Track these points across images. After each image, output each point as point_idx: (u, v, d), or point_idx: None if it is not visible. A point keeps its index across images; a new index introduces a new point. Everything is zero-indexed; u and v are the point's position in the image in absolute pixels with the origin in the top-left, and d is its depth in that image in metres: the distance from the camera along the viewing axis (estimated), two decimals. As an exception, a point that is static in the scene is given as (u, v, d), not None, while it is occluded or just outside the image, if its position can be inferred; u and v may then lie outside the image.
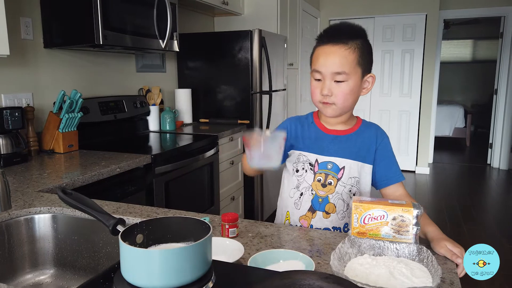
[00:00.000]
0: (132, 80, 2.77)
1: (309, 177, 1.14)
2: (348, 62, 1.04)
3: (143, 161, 1.93)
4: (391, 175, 1.15)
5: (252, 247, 0.92)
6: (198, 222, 0.68)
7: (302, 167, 1.15)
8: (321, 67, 1.06)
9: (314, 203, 1.14)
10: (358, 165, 1.13)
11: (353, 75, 1.06)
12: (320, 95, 1.08)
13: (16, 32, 1.95)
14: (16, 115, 1.76)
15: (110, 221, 0.66)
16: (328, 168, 1.13)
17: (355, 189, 1.14)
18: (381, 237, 0.85)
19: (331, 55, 1.05)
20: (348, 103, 1.09)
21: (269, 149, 0.91)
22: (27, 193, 1.35)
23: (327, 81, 1.07)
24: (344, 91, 1.06)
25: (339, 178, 1.13)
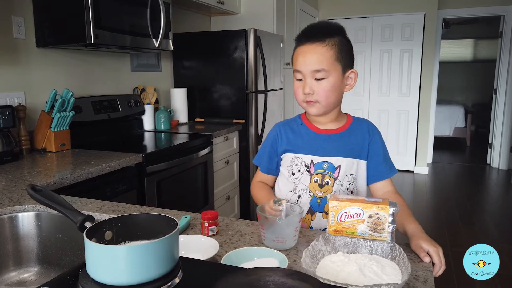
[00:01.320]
0: (127, 79, 2.77)
1: (306, 179, 1.14)
2: (326, 59, 1.05)
3: (134, 160, 1.93)
4: (380, 171, 1.15)
5: (230, 245, 0.92)
6: (168, 219, 0.68)
7: (298, 169, 1.15)
8: (300, 66, 1.07)
9: (312, 205, 1.13)
10: (353, 162, 1.13)
11: (333, 72, 1.06)
12: (302, 94, 1.09)
13: (8, 32, 1.96)
14: (7, 114, 1.77)
15: (78, 217, 0.66)
16: (324, 168, 1.13)
17: (352, 187, 1.14)
18: (357, 235, 0.85)
19: (308, 53, 1.06)
20: (331, 100, 1.09)
21: (284, 234, 0.86)
22: (13, 191, 1.36)
23: (308, 80, 1.07)
24: (325, 88, 1.06)
25: (336, 177, 1.12)
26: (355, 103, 5.39)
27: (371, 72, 5.24)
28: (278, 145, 1.20)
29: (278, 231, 0.86)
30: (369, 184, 1.17)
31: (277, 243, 0.87)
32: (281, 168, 1.21)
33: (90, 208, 1.18)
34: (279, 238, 0.86)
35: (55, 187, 1.50)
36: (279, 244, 0.87)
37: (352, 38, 4.54)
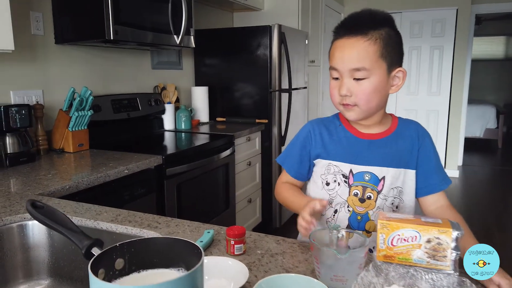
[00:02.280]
0: (147, 77, 2.69)
1: (344, 191, 0.98)
2: (368, 56, 0.89)
3: (154, 162, 1.83)
4: (432, 182, 0.99)
5: (260, 268, 0.80)
6: (189, 245, 0.56)
7: (334, 179, 0.99)
8: (337, 64, 0.92)
9: (352, 222, 0.98)
10: (400, 172, 0.97)
11: (376, 71, 0.90)
12: (338, 95, 0.94)
13: (26, 27, 1.89)
14: (23, 113, 1.69)
15: (84, 242, 0.56)
16: (365, 179, 0.97)
17: (398, 201, 0.98)
18: (412, 263, 0.72)
19: (347, 49, 0.91)
20: (372, 104, 0.93)
21: (345, 272, 0.70)
22: (26, 196, 1.27)
23: (345, 79, 0.92)
24: (365, 90, 0.91)
25: (379, 190, 0.97)
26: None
27: (399, 70, 5.03)
28: (312, 147, 1.04)
29: (338, 268, 0.70)
30: (418, 197, 1.01)
31: (335, 282, 0.70)
32: (314, 175, 1.06)
33: (105, 218, 1.08)
34: (339, 276, 0.70)
35: (70, 191, 1.42)
36: (339, 283, 0.70)
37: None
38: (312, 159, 1.05)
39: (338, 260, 0.70)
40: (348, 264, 0.70)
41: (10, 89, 1.85)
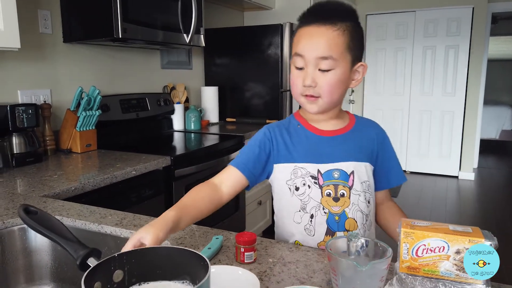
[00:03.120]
0: (157, 77, 2.65)
1: (316, 193, 0.92)
2: (336, 46, 0.86)
3: (162, 163, 1.79)
4: (392, 177, 1.02)
5: (272, 278, 0.74)
6: (195, 256, 0.51)
7: (303, 182, 0.93)
8: (303, 50, 0.88)
9: (330, 224, 0.92)
10: (365, 166, 0.96)
11: (341, 62, 0.88)
12: (302, 86, 0.89)
13: (34, 26, 1.86)
14: (30, 112, 1.66)
15: (79, 252, 0.50)
16: (335, 177, 0.93)
17: (369, 196, 0.97)
18: (439, 275, 0.65)
19: (315, 37, 0.86)
20: (335, 97, 0.91)
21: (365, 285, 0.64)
22: (30, 197, 1.24)
23: (310, 69, 0.88)
24: (330, 81, 0.88)
25: (351, 186, 0.94)
26: (395, 102, 5.09)
27: (412, 70, 4.92)
28: (273, 151, 0.97)
29: (357, 281, 0.64)
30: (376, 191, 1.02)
31: None
32: (277, 182, 0.98)
33: (110, 221, 1.03)
34: None
35: (76, 192, 1.38)
36: None
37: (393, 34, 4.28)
38: (271, 163, 0.97)
39: (358, 272, 0.64)
40: (368, 277, 0.64)
41: (18, 88, 1.83)
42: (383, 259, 0.65)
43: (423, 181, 4.83)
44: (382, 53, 5.04)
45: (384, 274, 0.65)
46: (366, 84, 5.21)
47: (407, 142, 5.12)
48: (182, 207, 0.80)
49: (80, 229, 1.04)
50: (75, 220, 1.05)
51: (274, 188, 1.00)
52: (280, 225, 1.00)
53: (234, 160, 0.97)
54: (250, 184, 0.96)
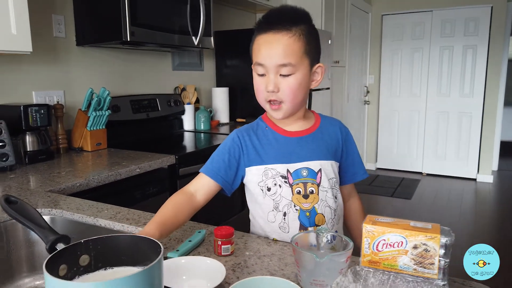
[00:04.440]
0: (168, 78, 2.73)
1: (287, 192, 0.96)
2: (294, 52, 0.90)
3: (167, 162, 1.85)
4: (355, 172, 1.08)
5: (244, 269, 0.78)
6: (153, 243, 0.56)
7: (274, 182, 0.97)
8: (263, 59, 0.92)
9: (302, 220, 0.96)
10: (331, 164, 1.01)
11: (301, 67, 0.92)
12: (265, 92, 0.94)
13: (48, 30, 1.96)
14: (42, 112, 1.76)
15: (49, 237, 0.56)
16: (303, 175, 0.97)
17: (336, 191, 1.02)
18: (398, 269, 0.68)
19: (273, 45, 0.90)
20: (298, 100, 0.95)
21: (324, 276, 0.68)
22: (36, 192, 1.32)
23: (271, 75, 0.92)
24: (292, 85, 0.92)
25: (319, 183, 0.98)
26: (411, 104, 5.03)
27: (429, 71, 4.86)
28: (243, 154, 0.99)
29: (318, 273, 0.68)
30: (342, 185, 1.08)
31: (315, 286, 0.68)
32: (249, 184, 1.01)
33: (105, 215, 1.09)
34: (318, 281, 0.68)
35: (81, 188, 1.45)
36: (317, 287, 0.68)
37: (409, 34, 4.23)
38: (243, 167, 1.00)
39: (317, 264, 0.67)
40: (328, 269, 0.67)
41: (33, 89, 1.93)
42: (341, 252, 0.68)
43: (439, 183, 4.75)
44: (398, 54, 4.99)
45: (343, 266, 0.68)
46: (382, 85, 5.17)
47: (423, 144, 5.05)
48: (162, 223, 0.84)
49: (77, 222, 1.10)
50: (73, 214, 1.12)
51: (248, 190, 1.04)
52: (256, 224, 1.05)
53: (205, 167, 1.00)
54: (226, 190, 0.99)
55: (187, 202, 0.94)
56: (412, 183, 4.73)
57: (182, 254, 0.81)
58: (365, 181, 4.82)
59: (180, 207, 0.92)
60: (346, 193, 1.12)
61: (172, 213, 0.89)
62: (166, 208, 0.91)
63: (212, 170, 0.99)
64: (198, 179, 1.00)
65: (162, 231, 0.81)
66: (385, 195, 4.35)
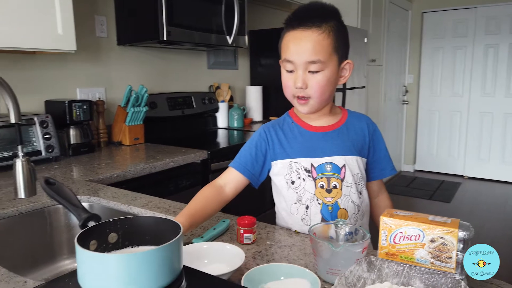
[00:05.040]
0: (203, 76, 2.80)
1: (310, 186, 0.98)
2: (323, 49, 0.91)
3: (199, 157, 1.91)
4: (383, 168, 1.08)
5: (264, 257, 0.81)
6: (174, 225, 0.60)
7: (298, 176, 0.99)
8: (292, 56, 0.93)
9: (324, 213, 0.97)
10: (356, 159, 1.01)
11: (329, 63, 0.93)
12: (293, 88, 0.95)
13: (91, 30, 2.08)
14: (85, 107, 1.87)
15: (82, 215, 0.61)
16: (327, 170, 0.98)
17: (361, 187, 1.02)
18: (415, 262, 0.68)
19: (303, 41, 0.91)
20: (326, 96, 0.96)
21: (340, 265, 0.69)
22: (77, 181, 1.41)
23: (300, 72, 0.93)
24: (320, 82, 0.93)
25: (343, 178, 0.98)
26: (452, 104, 4.85)
27: (472, 70, 4.66)
28: (269, 150, 1.02)
29: (333, 262, 0.70)
30: (369, 181, 1.09)
31: (331, 275, 0.70)
32: (275, 177, 1.04)
33: (138, 203, 1.16)
34: (334, 269, 0.70)
35: (118, 179, 1.54)
36: (334, 277, 0.69)
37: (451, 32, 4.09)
38: (269, 161, 1.03)
39: (334, 253, 0.69)
40: (344, 259, 0.69)
41: (77, 86, 2.05)
42: (356, 243, 0.70)
43: (481, 187, 4.55)
44: (439, 52, 4.83)
45: (359, 257, 0.69)
46: (421, 85, 5.03)
47: (465, 146, 4.85)
48: (191, 215, 0.87)
49: (112, 209, 1.18)
50: (109, 201, 1.19)
51: (273, 183, 1.07)
52: (279, 217, 1.07)
53: (233, 161, 1.04)
54: (253, 183, 1.03)
55: (216, 195, 0.98)
56: (452, 186, 4.56)
57: (206, 240, 0.85)
58: (402, 183, 4.71)
59: (209, 200, 0.96)
60: (375, 189, 1.11)
61: (201, 205, 0.93)
62: (196, 200, 0.95)
63: (239, 164, 1.03)
64: (227, 173, 1.04)
65: (191, 222, 0.86)
66: (423, 197, 4.22)
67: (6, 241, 1.09)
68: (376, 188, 1.12)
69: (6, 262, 1.03)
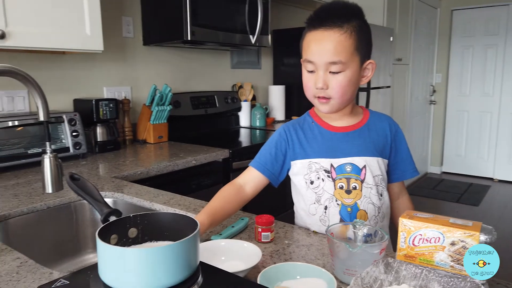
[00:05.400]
0: (226, 76, 2.82)
1: (329, 186, 0.97)
2: (344, 49, 0.89)
3: (221, 155, 1.93)
4: (406, 169, 1.06)
5: (282, 256, 0.82)
6: (192, 221, 0.61)
7: (317, 176, 0.98)
8: (313, 56, 0.91)
9: (343, 215, 0.96)
10: (377, 160, 0.99)
11: (351, 64, 0.91)
12: (314, 88, 0.94)
13: (118, 31, 2.13)
14: (111, 106, 1.92)
15: (104, 210, 0.64)
16: (347, 171, 0.97)
17: (382, 188, 1.00)
18: (434, 265, 0.67)
19: (324, 42, 0.90)
20: (347, 97, 0.95)
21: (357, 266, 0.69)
22: (103, 178, 1.45)
23: (321, 72, 0.91)
24: (341, 83, 0.91)
25: (363, 179, 0.97)
26: (482, 104, 4.70)
27: (503, 69, 4.50)
28: (289, 150, 1.02)
29: (350, 263, 0.69)
30: (390, 183, 1.07)
31: (348, 276, 0.70)
32: (294, 177, 1.03)
33: (159, 200, 1.18)
34: (351, 270, 0.69)
35: (141, 176, 1.57)
36: (351, 277, 0.67)
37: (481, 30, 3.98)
38: (288, 161, 1.03)
39: (351, 254, 0.68)
40: (361, 260, 0.68)
41: (104, 85, 2.11)
42: (374, 244, 0.69)
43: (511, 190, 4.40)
44: (469, 51, 4.68)
45: (377, 258, 0.68)
46: (450, 84, 4.89)
47: (495, 148, 4.69)
48: (212, 213, 0.89)
49: (135, 205, 1.21)
50: (132, 198, 1.22)
51: (292, 183, 1.06)
52: (298, 216, 1.07)
53: (254, 161, 1.04)
54: (273, 182, 1.03)
55: (236, 194, 0.99)
56: (481, 189, 4.42)
57: (224, 238, 0.86)
58: (428, 185, 4.60)
59: (229, 199, 0.97)
60: (396, 191, 1.10)
61: (221, 204, 0.95)
62: (216, 199, 0.97)
63: (259, 164, 1.03)
64: (247, 172, 1.05)
65: (211, 221, 0.87)
66: (450, 200, 4.11)
67: (35, 234, 1.14)
68: (397, 190, 1.10)
69: (35, 254, 1.08)
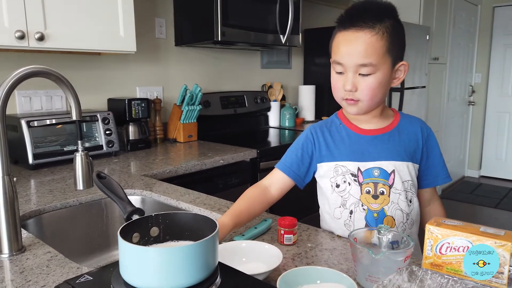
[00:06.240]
0: (256, 76, 2.83)
1: (355, 190, 0.94)
2: (375, 52, 0.86)
3: (249, 155, 1.94)
4: (437, 175, 1.01)
5: (303, 260, 0.81)
6: (212, 222, 0.61)
7: (343, 179, 0.95)
8: (342, 58, 0.88)
9: (368, 220, 0.93)
10: (407, 165, 0.96)
11: (382, 66, 0.87)
12: (342, 90, 0.90)
13: (151, 32, 2.18)
14: (143, 105, 1.97)
15: (128, 208, 0.65)
16: (375, 175, 0.94)
17: (411, 194, 0.96)
18: (463, 275, 0.64)
19: (354, 43, 0.86)
20: (376, 99, 0.91)
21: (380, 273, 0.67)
22: (133, 175, 1.49)
23: (350, 74, 0.88)
24: (371, 85, 0.88)
25: (391, 184, 0.93)
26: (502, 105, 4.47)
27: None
28: (315, 152, 1.00)
29: (373, 269, 0.67)
30: (420, 188, 1.02)
31: (370, 282, 0.68)
32: (321, 180, 1.01)
33: (186, 199, 1.20)
34: (374, 277, 0.68)
35: (170, 175, 1.60)
36: (373, 284, 0.67)
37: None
38: (315, 163, 1.00)
39: (374, 260, 0.67)
40: (385, 267, 0.66)
41: (137, 85, 2.17)
42: (398, 251, 0.67)
43: (558, 197, 4.15)
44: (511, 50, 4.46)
45: (401, 266, 0.66)
46: (490, 84, 4.68)
47: (539, 151, 4.45)
48: (236, 215, 0.88)
49: (162, 203, 1.23)
50: (160, 196, 1.25)
51: (318, 185, 1.05)
52: (323, 219, 1.05)
53: (280, 163, 1.03)
54: (298, 184, 1.02)
55: (261, 195, 0.99)
56: (522, 195, 4.21)
57: (247, 239, 0.86)
58: (465, 189, 4.42)
59: (254, 200, 0.97)
60: (427, 197, 1.05)
61: (246, 206, 0.94)
62: (241, 201, 0.97)
63: (285, 165, 1.02)
64: (273, 173, 1.04)
65: (236, 222, 0.87)
66: (488, 206, 3.94)
67: (67, 229, 1.18)
68: (428, 196, 1.05)
69: (66, 248, 1.12)
